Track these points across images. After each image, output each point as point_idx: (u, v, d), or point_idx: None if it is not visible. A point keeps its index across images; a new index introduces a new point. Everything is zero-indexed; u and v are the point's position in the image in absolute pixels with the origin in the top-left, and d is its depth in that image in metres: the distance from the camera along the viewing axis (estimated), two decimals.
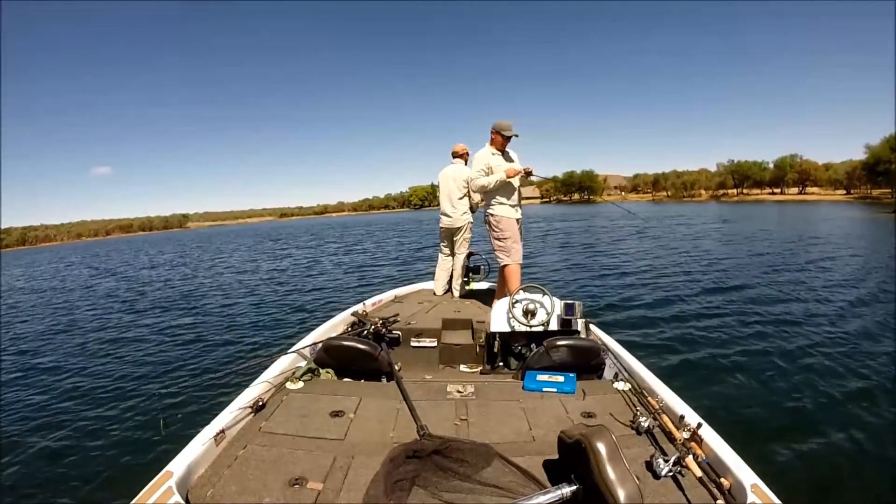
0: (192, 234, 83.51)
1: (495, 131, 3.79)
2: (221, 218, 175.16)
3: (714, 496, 1.38)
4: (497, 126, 3.79)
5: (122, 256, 30.22)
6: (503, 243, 3.80)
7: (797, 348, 4.92)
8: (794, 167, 64.07)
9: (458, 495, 1.43)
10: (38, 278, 20.67)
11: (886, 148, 45.18)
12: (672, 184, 79.23)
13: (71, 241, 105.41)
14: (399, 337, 3.21)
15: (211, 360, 5.67)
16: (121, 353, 6.29)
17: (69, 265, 27.25)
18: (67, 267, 25.93)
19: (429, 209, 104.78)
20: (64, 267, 26.09)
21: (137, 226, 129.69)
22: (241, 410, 1.93)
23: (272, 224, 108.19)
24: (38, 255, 50.22)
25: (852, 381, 4.05)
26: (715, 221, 25.72)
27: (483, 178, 3.78)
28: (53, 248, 74.05)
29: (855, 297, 6.97)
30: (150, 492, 1.35)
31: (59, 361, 6.16)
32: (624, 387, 2.20)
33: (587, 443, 1.31)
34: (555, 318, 2.91)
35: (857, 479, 2.77)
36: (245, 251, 25.18)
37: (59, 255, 41.46)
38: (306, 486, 1.47)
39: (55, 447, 3.64)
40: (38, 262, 33.70)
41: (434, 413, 1.99)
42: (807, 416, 3.49)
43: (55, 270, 24.20)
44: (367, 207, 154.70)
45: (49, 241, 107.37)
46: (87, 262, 28.86)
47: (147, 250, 35.41)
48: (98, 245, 64.73)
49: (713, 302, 7.15)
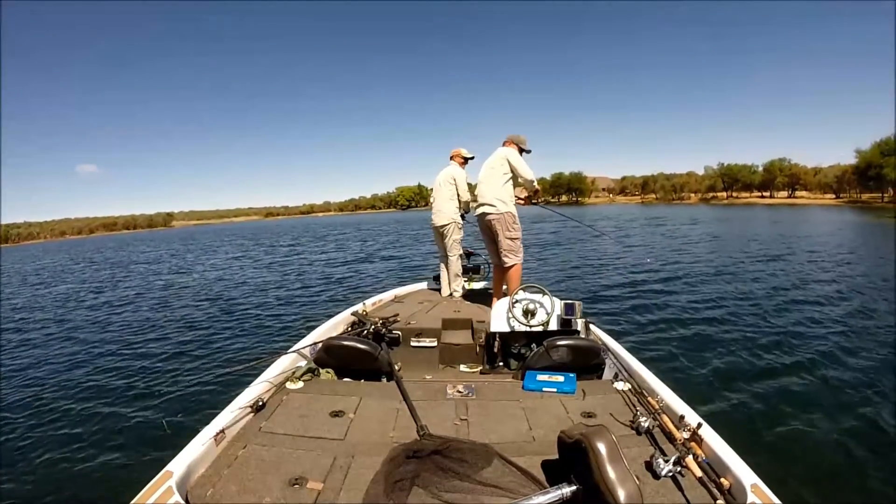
0: (178, 232, 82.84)
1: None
2: (207, 217, 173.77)
3: (714, 496, 1.38)
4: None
5: (114, 255, 29.83)
6: (515, 243, 3.79)
7: (797, 348, 4.96)
8: (783, 171, 64.91)
9: (458, 495, 1.42)
10: (33, 274, 20.40)
11: (877, 152, 45.92)
12: (661, 186, 79.96)
13: (55, 239, 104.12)
14: (399, 337, 3.20)
15: (211, 360, 5.63)
16: (120, 354, 6.23)
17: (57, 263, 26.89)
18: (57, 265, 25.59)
19: (416, 210, 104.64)
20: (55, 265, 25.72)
21: (122, 224, 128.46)
22: (241, 410, 1.92)
23: (258, 223, 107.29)
24: (23, 252, 49.53)
25: (853, 381, 4.08)
26: (711, 223, 25.95)
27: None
28: (38, 245, 73.11)
29: (859, 304, 6.90)
30: (150, 491, 1.34)
31: (58, 362, 6.08)
32: (624, 387, 2.21)
33: (587, 443, 1.31)
34: (555, 318, 2.92)
35: (857, 479, 2.79)
36: (239, 251, 24.97)
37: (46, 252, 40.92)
38: (306, 486, 1.47)
39: (55, 447, 3.61)
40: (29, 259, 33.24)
41: (434, 413, 1.99)
42: (807, 416, 3.52)
43: (44, 268, 23.86)
44: (354, 207, 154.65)
45: (33, 238, 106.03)
46: (74, 260, 28.48)
47: (138, 248, 35.05)
48: (83, 243, 63.92)
49: (713, 302, 7.22)
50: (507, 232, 3.77)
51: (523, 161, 3.83)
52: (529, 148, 3.97)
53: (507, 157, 3.79)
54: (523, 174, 3.81)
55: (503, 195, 3.79)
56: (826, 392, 3.90)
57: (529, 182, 3.90)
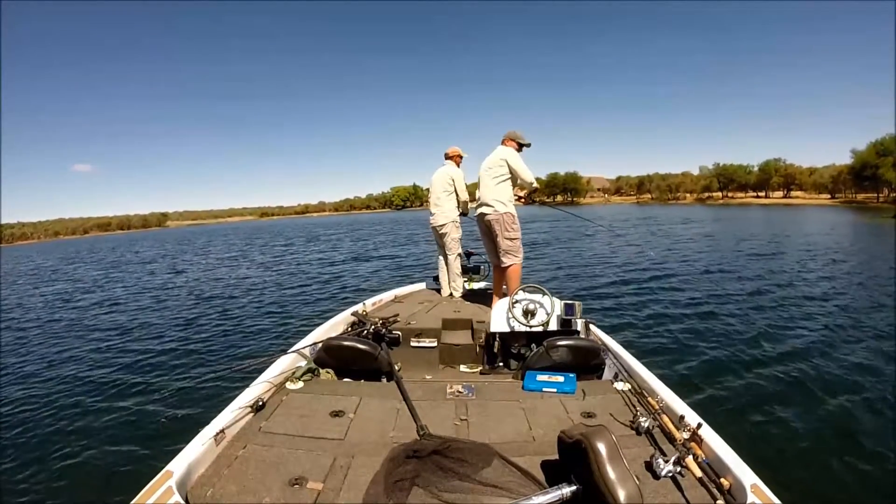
0: (173, 232, 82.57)
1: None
2: (202, 217, 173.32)
3: (714, 496, 1.39)
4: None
5: (109, 256, 29.67)
6: (515, 244, 3.79)
7: (798, 348, 4.98)
8: (778, 171, 65.15)
9: (458, 495, 1.42)
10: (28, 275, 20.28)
11: (873, 153, 46.13)
12: (657, 186, 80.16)
13: (49, 240, 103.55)
14: (399, 337, 3.20)
15: (211, 360, 5.62)
16: (120, 354, 6.21)
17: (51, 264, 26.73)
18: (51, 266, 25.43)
19: (411, 210, 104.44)
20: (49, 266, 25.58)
21: (116, 224, 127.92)
22: (241, 410, 1.92)
23: (253, 223, 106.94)
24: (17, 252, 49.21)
25: (853, 381, 4.10)
26: (709, 223, 26.03)
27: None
28: (32, 246, 72.73)
29: (862, 304, 6.93)
30: (150, 492, 1.34)
31: (58, 362, 6.06)
32: (624, 387, 2.21)
33: (587, 443, 1.31)
34: (555, 319, 2.92)
35: (857, 479, 2.80)
36: (235, 251, 24.92)
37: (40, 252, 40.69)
38: (306, 486, 1.47)
39: (55, 447, 3.60)
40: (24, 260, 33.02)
41: (434, 413, 1.99)
42: (807, 416, 3.53)
43: (45, 269, 23.72)
44: (349, 208, 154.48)
45: (26, 238, 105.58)
46: (69, 260, 28.32)
47: (132, 248, 34.90)
48: (79, 244, 63.51)
49: (713, 303, 7.24)
50: (506, 232, 3.77)
51: (522, 162, 3.82)
52: (529, 141, 3.93)
53: (506, 158, 3.77)
54: (523, 176, 3.81)
55: (502, 196, 3.78)
56: (827, 392, 3.91)
57: (529, 184, 3.91)
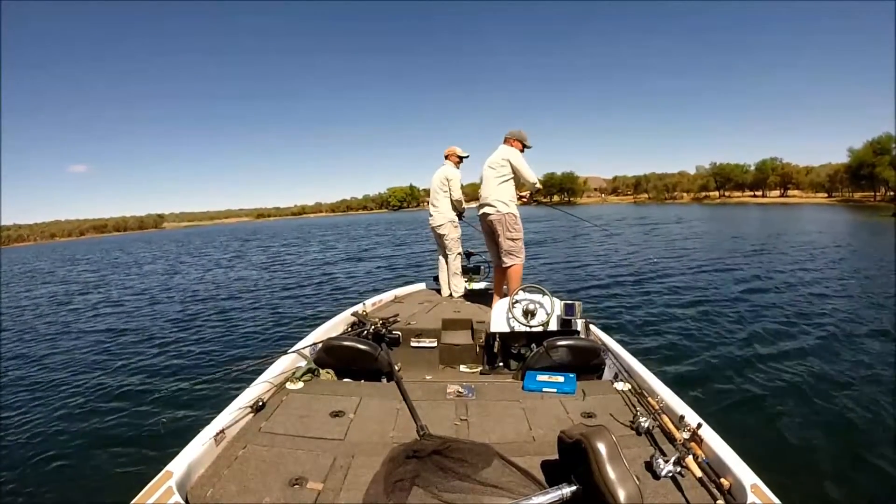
0: (169, 234, 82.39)
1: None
2: (198, 218, 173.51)
3: (714, 496, 1.39)
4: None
5: (105, 258, 29.60)
6: (516, 244, 3.79)
7: (798, 348, 4.98)
8: (775, 170, 65.32)
9: (458, 495, 1.42)
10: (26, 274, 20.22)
11: (870, 151, 46.24)
12: (654, 186, 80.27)
13: (45, 242, 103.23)
14: (399, 337, 3.20)
15: (211, 360, 5.62)
16: (120, 354, 6.20)
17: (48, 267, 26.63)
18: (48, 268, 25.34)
19: (407, 210, 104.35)
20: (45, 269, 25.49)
21: (112, 226, 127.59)
22: (241, 410, 1.91)
23: (250, 225, 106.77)
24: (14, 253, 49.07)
25: (853, 381, 4.10)
26: (708, 223, 26.05)
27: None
28: (28, 248, 72.46)
29: (863, 303, 6.93)
30: (150, 492, 1.34)
31: (58, 362, 6.04)
32: (624, 387, 2.21)
33: (587, 443, 1.31)
34: (554, 319, 2.92)
35: (857, 479, 2.80)
36: (232, 252, 24.87)
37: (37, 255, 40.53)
38: (306, 486, 1.46)
39: (55, 447, 3.59)
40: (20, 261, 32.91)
41: (434, 413, 1.99)
42: (807, 417, 3.54)
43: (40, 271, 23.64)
44: (345, 208, 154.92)
45: (22, 241, 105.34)
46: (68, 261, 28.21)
47: (129, 249, 34.81)
48: (76, 245, 63.36)
49: (713, 302, 7.25)
50: (508, 233, 3.77)
51: (525, 162, 3.82)
52: (530, 144, 3.96)
53: (508, 158, 3.77)
54: (526, 177, 3.81)
55: (504, 196, 3.78)
56: (827, 392, 3.91)
57: (532, 185, 3.91)
